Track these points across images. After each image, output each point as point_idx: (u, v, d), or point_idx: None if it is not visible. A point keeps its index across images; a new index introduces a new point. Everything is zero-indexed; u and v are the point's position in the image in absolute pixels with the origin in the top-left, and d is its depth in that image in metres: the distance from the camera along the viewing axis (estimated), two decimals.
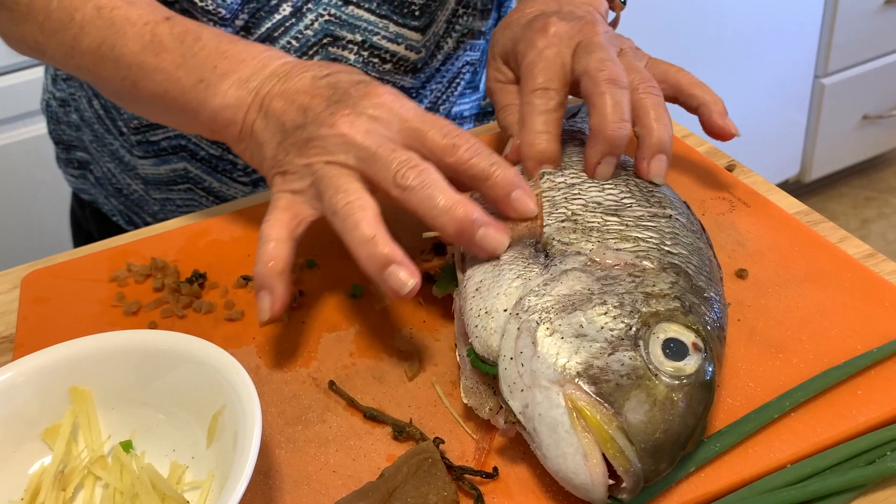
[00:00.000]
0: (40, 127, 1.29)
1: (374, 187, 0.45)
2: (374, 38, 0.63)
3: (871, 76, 1.89)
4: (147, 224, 0.74)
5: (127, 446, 0.43)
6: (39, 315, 0.53)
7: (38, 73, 1.26)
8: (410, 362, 0.46)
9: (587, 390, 0.36)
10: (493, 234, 0.43)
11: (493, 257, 0.43)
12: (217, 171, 0.70)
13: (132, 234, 0.60)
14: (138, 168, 0.71)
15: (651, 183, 0.48)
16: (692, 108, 0.54)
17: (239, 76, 0.51)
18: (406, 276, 0.42)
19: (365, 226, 0.43)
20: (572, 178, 0.48)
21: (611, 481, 0.36)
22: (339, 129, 0.45)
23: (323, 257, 0.55)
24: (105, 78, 0.55)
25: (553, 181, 0.48)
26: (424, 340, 0.48)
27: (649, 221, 0.44)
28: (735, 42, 1.70)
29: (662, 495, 0.38)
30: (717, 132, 0.53)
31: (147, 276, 0.55)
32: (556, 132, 0.49)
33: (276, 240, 0.46)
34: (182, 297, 0.52)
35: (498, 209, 0.46)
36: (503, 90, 0.57)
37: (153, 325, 0.51)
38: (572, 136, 0.54)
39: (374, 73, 0.65)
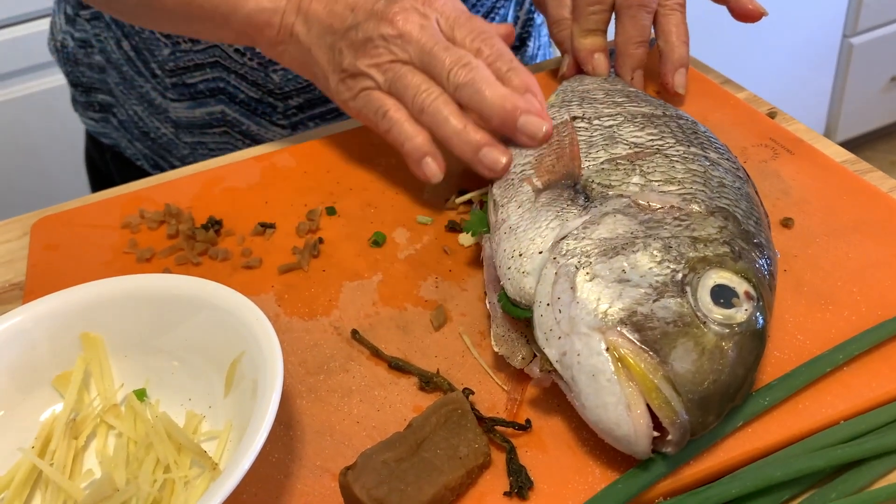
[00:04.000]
0: (50, 80, 1.27)
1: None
2: None
3: None
4: (174, 168, 0.72)
5: (141, 395, 0.41)
6: (49, 262, 0.51)
7: (44, 24, 1.24)
8: (436, 311, 0.44)
9: (631, 338, 0.34)
10: (535, 119, 0.47)
11: (533, 142, 0.47)
12: (256, 114, 0.68)
13: (145, 181, 0.58)
14: (170, 111, 0.69)
15: (687, 121, 0.46)
16: (720, 0, 0.57)
17: None
18: (499, 154, 0.47)
19: (455, 119, 0.48)
20: (609, 120, 0.46)
21: (655, 433, 0.33)
22: (397, 26, 0.49)
23: (343, 204, 0.53)
24: None
25: (590, 122, 0.46)
26: (451, 289, 0.46)
27: (693, 164, 0.41)
28: None
29: (709, 451, 0.36)
30: (747, 14, 0.56)
31: (160, 222, 0.53)
32: (605, 29, 0.56)
33: (408, 119, 0.49)
34: (197, 244, 0.50)
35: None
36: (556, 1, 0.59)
37: (167, 272, 0.49)
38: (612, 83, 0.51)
39: None
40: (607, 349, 0.34)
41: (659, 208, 0.39)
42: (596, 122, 0.46)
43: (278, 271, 0.48)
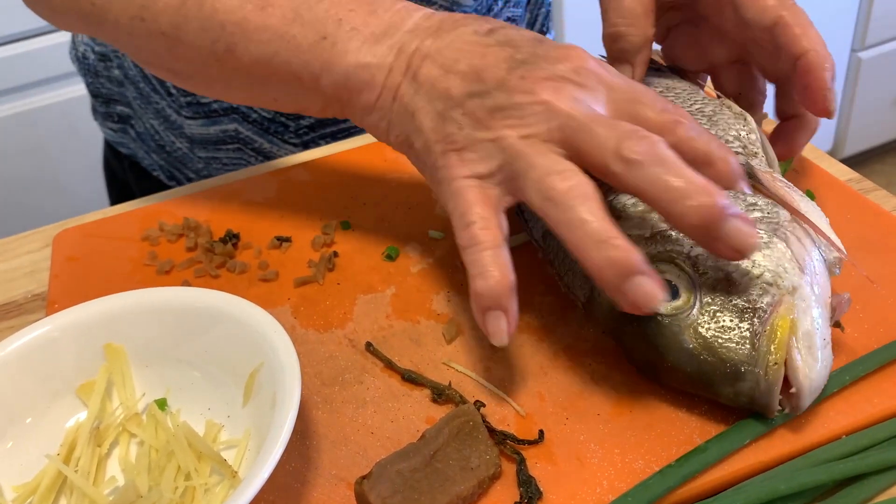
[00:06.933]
0: (70, 90, 1.29)
1: (581, 165, 0.37)
2: None
3: None
4: (189, 180, 0.74)
5: (162, 404, 0.42)
6: (71, 273, 0.52)
7: (61, 37, 1.26)
8: (449, 325, 0.45)
9: None
10: (745, 228, 0.35)
11: (738, 256, 0.36)
12: (268, 132, 0.69)
13: (164, 195, 0.59)
14: (184, 128, 0.70)
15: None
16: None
17: (372, 31, 0.42)
18: (653, 289, 0.34)
19: (595, 222, 0.35)
20: None
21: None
22: (541, 96, 0.37)
23: (357, 218, 0.54)
24: (187, 42, 0.45)
25: None
26: (463, 303, 0.47)
27: None
28: None
29: (714, 464, 0.37)
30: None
31: (179, 235, 0.54)
32: None
33: (493, 246, 0.38)
34: (215, 257, 0.51)
35: None
36: None
37: (186, 284, 0.50)
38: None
39: (442, 2, 0.64)
40: None
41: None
42: None
43: (294, 284, 0.49)
